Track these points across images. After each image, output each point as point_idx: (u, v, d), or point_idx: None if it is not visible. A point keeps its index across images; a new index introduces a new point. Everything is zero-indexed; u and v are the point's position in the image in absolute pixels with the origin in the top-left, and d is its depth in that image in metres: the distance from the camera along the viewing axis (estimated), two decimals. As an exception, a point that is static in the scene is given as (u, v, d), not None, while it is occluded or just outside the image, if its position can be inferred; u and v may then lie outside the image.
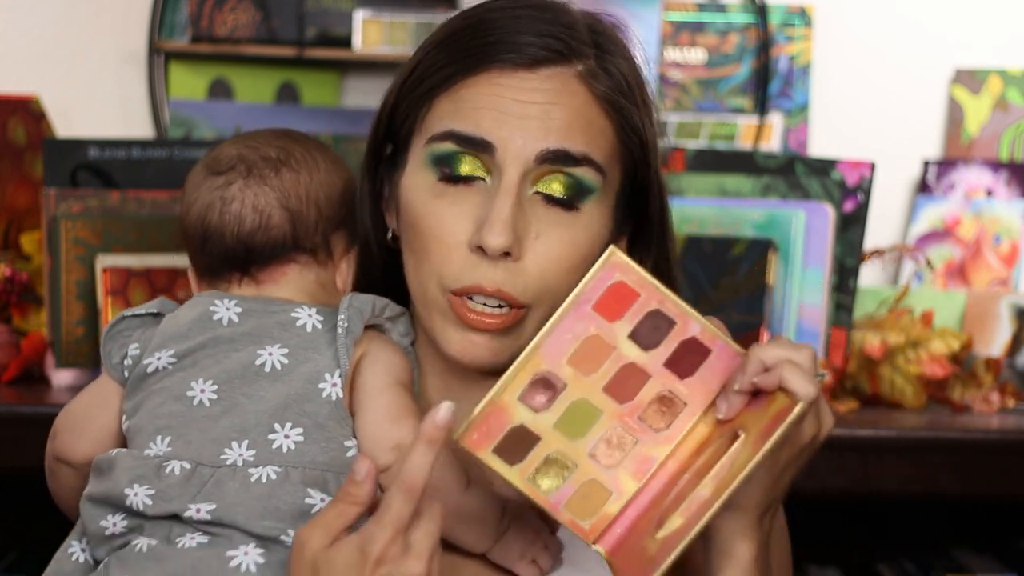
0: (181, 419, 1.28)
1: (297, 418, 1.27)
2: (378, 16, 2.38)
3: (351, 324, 1.28)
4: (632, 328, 1.22)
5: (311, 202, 1.34)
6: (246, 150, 1.35)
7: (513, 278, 1.28)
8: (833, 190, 2.08)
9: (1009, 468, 1.94)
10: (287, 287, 1.34)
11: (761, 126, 2.41)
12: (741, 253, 2.07)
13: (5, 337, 2.05)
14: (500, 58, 1.30)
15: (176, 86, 2.40)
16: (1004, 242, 2.31)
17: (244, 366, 1.28)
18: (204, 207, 1.34)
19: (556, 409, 1.22)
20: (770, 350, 1.19)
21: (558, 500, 1.21)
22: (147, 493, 1.25)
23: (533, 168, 1.29)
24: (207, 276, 1.36)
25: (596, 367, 1.22)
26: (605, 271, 1.22)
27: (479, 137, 1.29)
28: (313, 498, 1.24)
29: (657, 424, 1.22)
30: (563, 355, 1.22)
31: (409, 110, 1.34)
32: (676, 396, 1.22)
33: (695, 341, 1.22)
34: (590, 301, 1.22)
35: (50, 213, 2.04)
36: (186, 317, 1.32)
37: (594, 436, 1.22)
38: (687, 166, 2.14)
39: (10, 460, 1.91)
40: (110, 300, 1.98)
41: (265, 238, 1.33)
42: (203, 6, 2.38)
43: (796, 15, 2.42)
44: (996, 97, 2.40)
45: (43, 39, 2.40)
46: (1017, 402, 2.10)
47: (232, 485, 1.24)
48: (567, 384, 1.22)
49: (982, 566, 2.20)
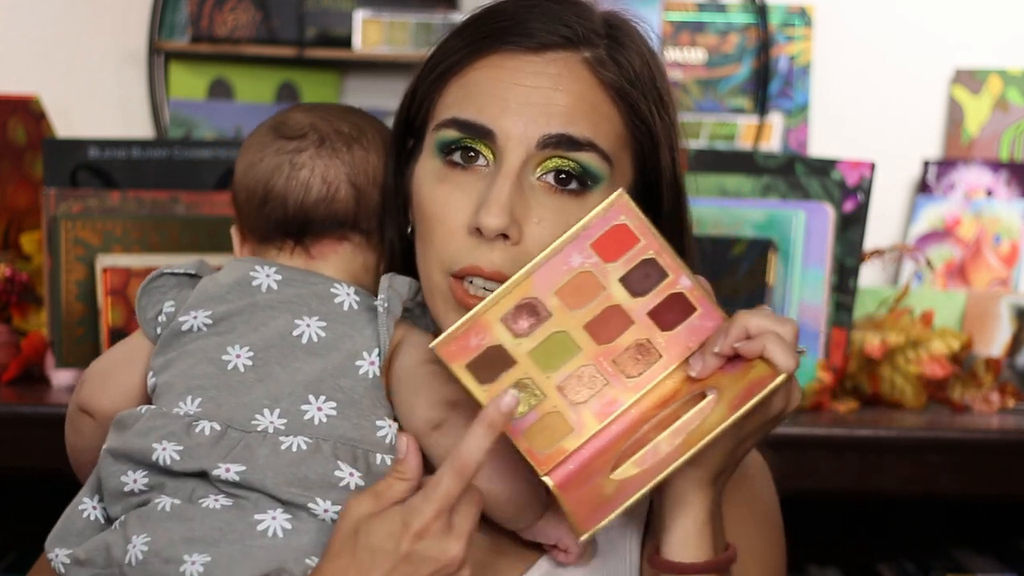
0: (214, 381, 1.27)
1: (332, 392, 1.26)
2: (378, 16, 2.38)
3: (391, 304, 1.28)
4: (625, 272, 1.23)
5: (377, 184, 1.34)
6: (320, 120, 1.35)
7: (513, 262, 1.28)
8: (833, 190, 2.08)
9: (1009, 468, 1.94)
10: (335, 265, 1.34)
11: (761, 126, 2.41)
12: (741, 253, 2.07)
13: (5, 337, 2.05)
14: (508, 41, 1.30)
15: (176, 86, 2.40)
16: (1004, 242, 2.31)
17: (281, 335, 1.28)
18: (270, 169, 1.33)
19: (536, 337, 1.22)
20: (755, 319, 1.20)
21: (519, 426, 1.22)
22: (175, 449, 1.24)
23: (535, 153, 1.29)
24: (255, 239, 1.35)
25: (582, 303, 1.23)
26: (610, 211, 1.22)
27: (480, 124, 1.29)
28: (343, 471, 1.24)
29: (629, 370, 1.23)
30: (553, 285, 1.22)
31: (424, 98, 1.35)
32: (653, 346, 1.23)
33: (682, 296, 1.23)
34: (590, 238, 1.22)
35: (50, 213, 2.04)
36: (226, 279, 1.31)
37: (567, 370, 1.23)
38: (687, 166, 2.14)
39: (10, 460, 1.91)
40: (110, 300, 1.98)
41: (328, 211, 1.33)
42: (203, 6, 2.38)
43: (796, 15, 2.42)
44: (996, 97, 2.40)
45: (43, 39, 2.40)
46: (1017, 402, 2.10)
47: (262, 451, 1.24)
48: (551, 314, 1.22)
49: (982, 566, 2.20)
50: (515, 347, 1.22)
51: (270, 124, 1.36)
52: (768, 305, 2.04)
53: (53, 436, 1.50)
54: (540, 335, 1.22)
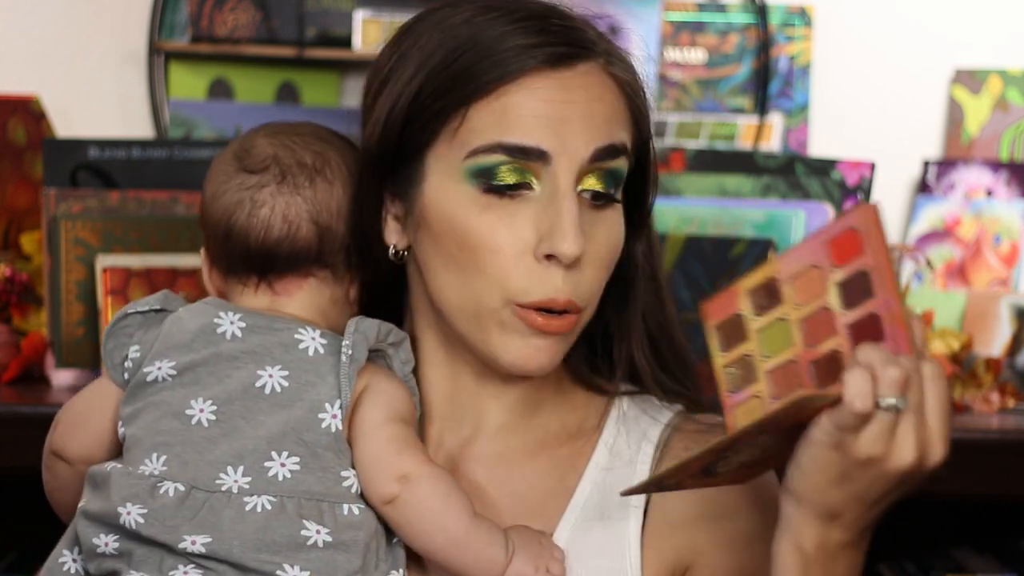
0: (179, 437, 1.26)
1: (294, 447, 1.25)
2: (378, 16, 2.38)
3: (355, 351, 1.26)
4: (844, 278, 1.21)
5: (340, 218, 1.32)
6: (282, 150, 1.33)
7: (577, 286, 1.28)
8: (833, 190, 2.08)
9: (1009, 468, 1.93)
10: (300, 302, 1.32)
11: (761, 126, 2.41)
12: (741, 253, 2.07)
13: (5, 337, 2.05)
14: (536, 59, 1.28)
15: (176, 86, 2.40)
16: (1004, 242, 2.31)
17: (244, 387, 1.26)
18: (232, 204, 1.31)
19: (767, 318, 1.23)
20: (868, 352, 1.16)
21: (734, 401, 1.23)
22: (139, 512, 1.24)
23: (586, 168, 1.28)
24: (221, 270, 1.34)
25: (808, 299, 1.22)
26: (854, 213, 1.21)
27: (533, 147, 1.26)
28: (309, 530, 1.23)
29: (821, 379, 1.21)
30: (792, 271, 1.22)
31: (430, 117, 1.29)
32: (844, 362, 1.20)
33: (877, 319, 1.20)
34: (830, 235, 1.21)
35: (50, 213, 2.04)
36: (191, 325, 1.30)
37: (779, 360, 1.22)
38: (687, 166, 2.14)
39: (10, 460, 1.91)
40: (110, 300, 1.98)
41: (290, 249, 1.31)
42: (203, 6, 2.38)
43: (796, 15, 2.42)
44: (996, 97, 2.40)
45: (43, 39, 2.40)
46: (1017, 402, 2.10)
47: (227, 513, 1.23)
48: (783, 300, 1.22)
49: (982, 566, 2.19)
50: (750, 322, 1.23)
51: (234, 150, 1.34)
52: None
53: (53, 436, 1.50)
54: (769, 317, 1.23)
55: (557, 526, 1.34)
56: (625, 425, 1.38)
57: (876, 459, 1.16)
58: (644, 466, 1.36)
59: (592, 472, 1.36)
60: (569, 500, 1.35)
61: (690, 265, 2.06)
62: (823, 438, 1.15)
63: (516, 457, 1.37)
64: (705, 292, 2.05)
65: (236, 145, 1.34)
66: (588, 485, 1.36)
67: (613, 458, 1.36)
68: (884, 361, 1.15)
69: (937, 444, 1.18)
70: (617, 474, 1.35)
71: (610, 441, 1.37)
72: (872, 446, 1.15)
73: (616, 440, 1.37)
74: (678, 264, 2.07)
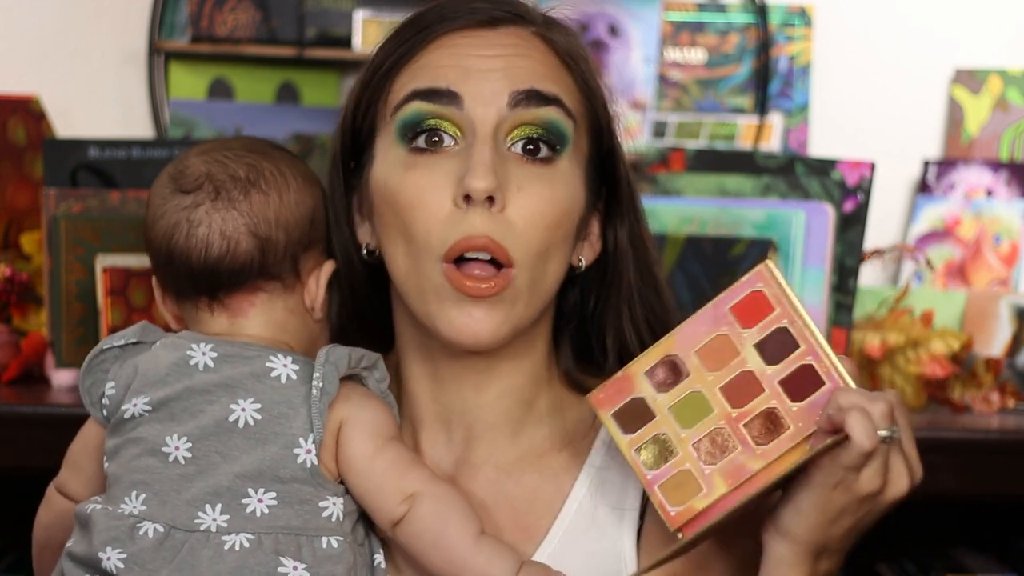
0: (156, 475, 1.26)
1: (271, 484, 1.25)
2: (378, 16, 2.38)
3: (326, 384, 1.26)
4: (760, 339, 1.24)
5: (280, 226, 1.31)
6: (215, 167, 1.32)
7: (500, 228, 1.27)
8: (833, 190, 2.08)
9: (1009, 468, 1.94)
10: (257, 319, 1.31)
11: (761, 126, 2.41)
12: (741, 253, 2.07)
13: (5, 337, 2.05)
14: (456, 22, 1.31)
15: (176, 86, 2.40)
16: (1004, 242, 2.31)
17: (217, 422, 1.26)
18: (170, 227, 1.31)
19: (675, 394, 1.26)
20: (847, 395, 1.20)
21: (655, 479, 1.25)
22: (119, 557, 1.24)
23: (507, 115, 1.28)
24: (172, 295, 1.34)
25: (719, 366, 1.25)
26: (751, 277, 1.25)
27: (444, 88, 1.28)
28: (286, 567, 1.23)
29: (760, 438, 1.24)
30: (694, 345, 1.25)
31: (369, 103, 1.33)
32: (782, 416, 1.24)
33: (811, 369, 1.24)
34: (730, 302, 1.25)
35: (50, 213, 2.04)
36: (164, 360, 1.29)
37: (701, 430, 1.25)
38: (687, 166, 2.14)
39: (10, 460, 1.91)
40: (110, 300, 1.98)
41: (232, 265, 1.30)
42: (203, 6, 2.38)
43: (796, 15, 2.42)
44: (996, 97, 2.40)
45: (43, 39, 2.40)
46: (1017, 402, 2.10)
47: (206, 553, 1.23)
48: (690, 373, 1.25)
49: (982, 566, 2.20)
50: (656, 401, 1.26)
51: (169, 172, 1.33)
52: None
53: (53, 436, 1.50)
54: (679, 393, 1.25)
55: (548, 533, 1.34)
56: None
57: (875, 492, 1.21)
58: None
59: (586, 478, 1.36)
60: (562, 506, 1.35)
61: (690, 265, 2.06)
62: (826, 480, 1.19)
63: (509, 464, 1.36)
64: (705, 292, 2.05)
65: (171, 166, 1.34)
66: (582, 491, 1.35)
67: (610, 461, 1.36)
68: (869, 398, 1.20)
69: (917, 465, 1.23)
70: (613, 478, 1.35)
71: (604, 445, 1.37)
72: (873, 480, 1.20)
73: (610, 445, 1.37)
74: (678, 264, 2.07)
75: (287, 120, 2.35)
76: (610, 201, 1.38)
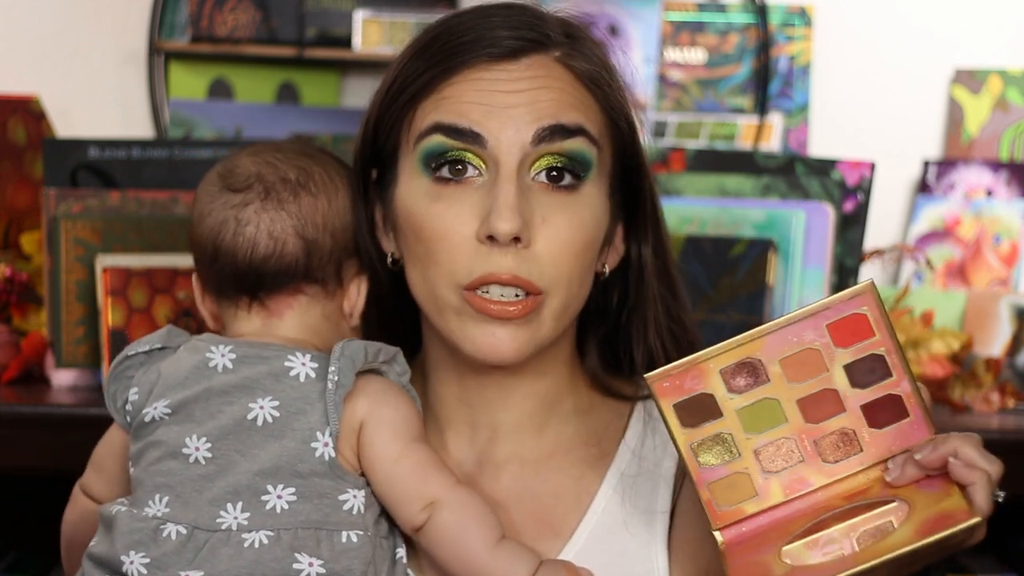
0: (178, 477, 1.27)
1: (290, 479, 1.25)
2: (378, 16, 2.38)
3: (341, 377, 1.26)
4: (851, 360, 1.22)
5: (327, 231, 1.32)
6: (266, 168, 1.32)
7: (527, 264, 1.27)
8: (833, 190, 2.08)
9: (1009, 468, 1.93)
10: (292, 322, 1.32)
11: (761, 126, 2.41)
12: (741, 253, 2.07)
13: (5, 337, 2.05)
14: (478, 54, 1.30)
15: (176, 86, 2.40)
16: (1004, 242, 2.31)
17: (236, 421, 1.26)
18: (217, 224, 1.31)
19: (749, 396, 1.23)
20: (969, 449, 1.20)
21: (707, 476, 1.23)
22: (143, 562, 1.24)
23: (530, 152, 1.28)
24: (213, 292, 1.34)
25: (802, 378, 1.23)
26: (856, 298, 1.22)
27: (467, 128, 1.28)
28: (301, 563, 1.23)
29: (827, 455, 1.23)
30: (780, 353, 1.22)
31: (392, 123, 1.33)
32: (857, 438, 1.23)
33: (899, 400, 1.23)
34: (829, 318, 1.22)
35: (50, 213, 2.04)
36: (185, 363, 1.30)
37: (768, 437, 1.24)
38: (687, 166, 2.14)
39: (10, 460, 1.91)
40: (110, 300, 1.98)
41: (278, 266, 1.30)
42: (203, 6, 2.38)
43: (796, 15, 2.42)
44: (996, 97, 2.40)
45: (43, 39, 2.40)
46: (1017, 402, 2.10)
47: (225, 552, 1.24)
48: (770, 380, 1.23)
49: (982, 566, 2.19)
50: (726, 401, 1.23)
51: (219, 171, 1.34)
52: (768, 304, 2.04)
53: (53, 436, 1.50)
54: (753, 397, 1.23)
55: (575, 531, 1.34)
56: (651, 428, 1.38)
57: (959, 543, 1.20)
58: (670, 471, 1.36)
59: (613, 478, 1.36)
60: (589, 505, 1.35)
61: (690, 265, 2.06)
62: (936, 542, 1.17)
63: (534, 461, 1.37)
64: (705, 292, 2.05)
65: (221, 166, 1.34)
66: (609, 491, 1.35)
67: (638, 463, 1.36)
68: (988, 459, 1.19)
69: None
70: (642, 481, 1.35)
71: (634, 445, 1.37)
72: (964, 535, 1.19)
73: (640, 444, 1.37)
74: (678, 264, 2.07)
75: (287, 120, 2.35)
76: (635, 211, 1.38)
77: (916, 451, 1.21)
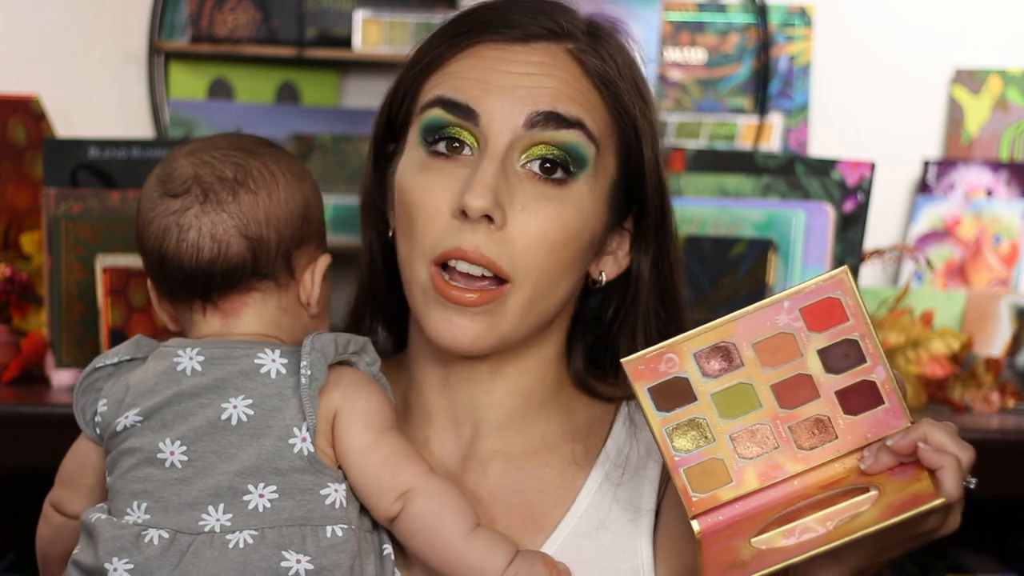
0: (155, 482, 1.26)
1: (270, 477, 1.25)
2: (378, 16, 2.38)
3: (314, 371, 1.26)
4: (826, 346, 1.22)
5: (271, 226, 1.31)
6: (203, 168, 1.31)
7: (496, 246, 1.27)
8: (833, 190, 2.08)
9: (1009, 468, 1.93)
10: (249, 320, 1.32)
11: (761, 126, 2.41)
12: (741, 253, 2.07)
13: (5, 337, 2.05)
14: (489, 32, 1.30)
15: (176, 86, 2.40)
16: (1004, 242, 2.31)
17: (210, 422, 1.26)
18: (160, 231, 1.31)
19: (723, 381, 1.23)
20: (940, 434, 1.19)
21: (682, 462, 1.23)
22: (127, 568, 1.24)
23: (522, 135, 1.28)
24: (167, 296, 1.34)
25: (776, 363, 1.22)
26: (829, 283, 1.21)
27: (463, 103, 1.28)
28: (289, 560, 1.23)
29: (802, 442, 1.23)
30: (754, 336, 1.22)
31: (404, 96, 1.34)
32: (832, 425, 1.22)
33: (874, 386, 1.22)
34: (803, 303, 1.21)
35: (50, 213, 2.04)
36: (153, 371, 1.30)
37: (742, 423, 1.23)
38: (687, 166, 2.14)
39: (10, 460, 1.91)
40: (110, 300, 1.98)
41: (225, 267, 1.30)
42: (203, 6, 2.38)
43: (796, 15, 2.42)
44: (996, 97, 2.40)
45: (43, 39, 2.40)
46: (1017, 402, 2.10)
47: (210, 554, 1.24)
48: (744, 364, 1.22)
49: (982, 566, 2.19)
50: (700, 385, 1.22)
51: (157, 175, 1.33)
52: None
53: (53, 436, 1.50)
54: (727, 381, 1.23)
55: (558, 526, 1.34)
56: (633, 431, 1.38)
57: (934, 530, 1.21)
58: (654, 472, 1.36)
59: (599, 475, 1.36)
60: (573, 501, 1.35)
61: (690, 265, 2.06)
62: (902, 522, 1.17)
63: (519, 457, 1.37)
64: (705, 292, 2.05)
65: (159, 169, 1.34)
66: (594, 487, 1.35)
67: (623, 462, 1.36)
68: (959, 445, 1.19)
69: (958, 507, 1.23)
70: (627, 479, 1.35)
71: (617, 446, 1.37)
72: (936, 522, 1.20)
73: (624, 446, 1.37)
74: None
75: (287, 120, 2.35)
76: (638, 222, 1.37)
77: (889, 440, 1.21)
